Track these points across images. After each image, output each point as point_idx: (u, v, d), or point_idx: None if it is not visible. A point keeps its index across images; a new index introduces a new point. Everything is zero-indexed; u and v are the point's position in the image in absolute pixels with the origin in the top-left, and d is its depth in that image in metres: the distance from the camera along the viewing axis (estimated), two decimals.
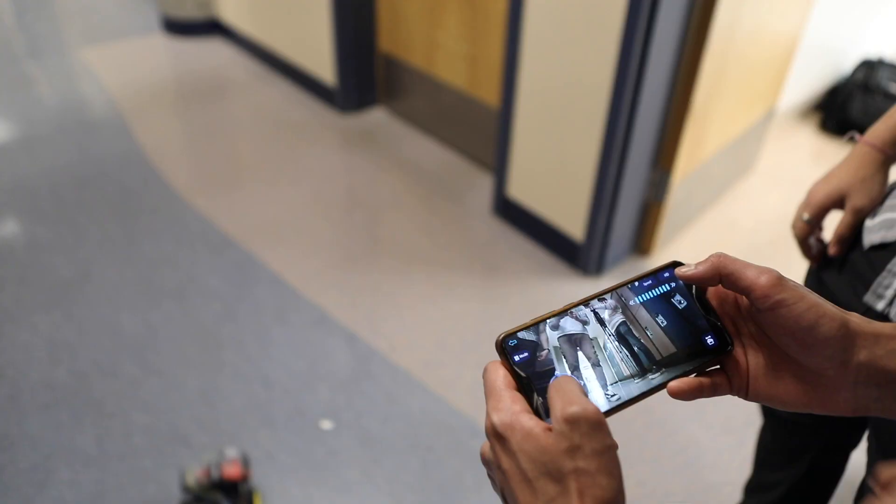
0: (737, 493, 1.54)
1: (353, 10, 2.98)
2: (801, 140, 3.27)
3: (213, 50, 3.85)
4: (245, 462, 1.55)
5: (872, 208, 0.90)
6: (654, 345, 0.48)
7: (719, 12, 1.86)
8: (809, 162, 3.14)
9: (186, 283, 2.18)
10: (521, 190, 2.39)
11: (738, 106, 2.40)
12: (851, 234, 0.91)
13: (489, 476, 0.47)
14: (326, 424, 1.76)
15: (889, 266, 0.76)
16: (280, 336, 2.01)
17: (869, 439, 0.92)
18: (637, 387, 0.47)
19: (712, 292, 0.50)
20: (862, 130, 0.94)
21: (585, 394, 0.45)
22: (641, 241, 2.35)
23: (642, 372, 0.47)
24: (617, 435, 1.50)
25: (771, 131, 3.08)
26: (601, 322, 0.48)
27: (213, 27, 3.97)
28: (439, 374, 1.91)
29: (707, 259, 0.47)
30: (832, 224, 0.94)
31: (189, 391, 1.83)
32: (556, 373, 0.46)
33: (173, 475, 1.61)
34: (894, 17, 3.55)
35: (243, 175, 2.78)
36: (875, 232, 0.85)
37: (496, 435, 0.43)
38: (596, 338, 0.48)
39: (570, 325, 0.48)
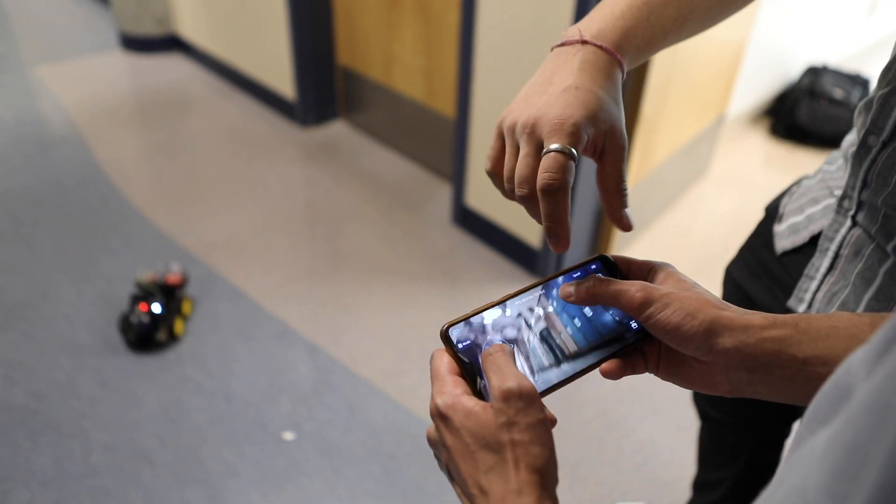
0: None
1: (311, 25, 3.01)
2: (752, 144, 3.37)
3: (171, 66, 3.84)
4: (185, 277, 2.11)
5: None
6: (580, 333, 0.52)
7: None
8: (761, 166, 3.23)
9: None
10: (479, 199, 2.43)
11: (688, 112, 2.48)
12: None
13: (435, 456, 0.51)
14: (288, 436, 1.77)
15: (805, 271, 0.80)
16: (242, 350, 2.01)
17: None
18: (569, 369, 0.51)
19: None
20: (810, 135, 0.86)
21: (526, 356, 0.50)
22: (598, 247, 2.40)
23: (571, 358, 0.51)
24: (576, 436, 1.56)
25: (722, 136, 3.17)
26: (528, 323, 0.52)
27: (171, 43, 3.96)
28: (401, 383, 1.93)
29: (583, 283, 0.51)
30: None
31: (150, 408, 1.82)
32: (488, 340, 0.50)
33: (134, 493, 1.60)
34: (836, 25, 3.68)
35: (203, 190, 2.78)
36: (785, 238, 0.87)
37: (440, 415, 0.47)
38: (525, 332, 0.52)
39: (505, 322, 0.52)
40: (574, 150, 0.53)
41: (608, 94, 0.57)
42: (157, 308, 1.97)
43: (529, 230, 2.27)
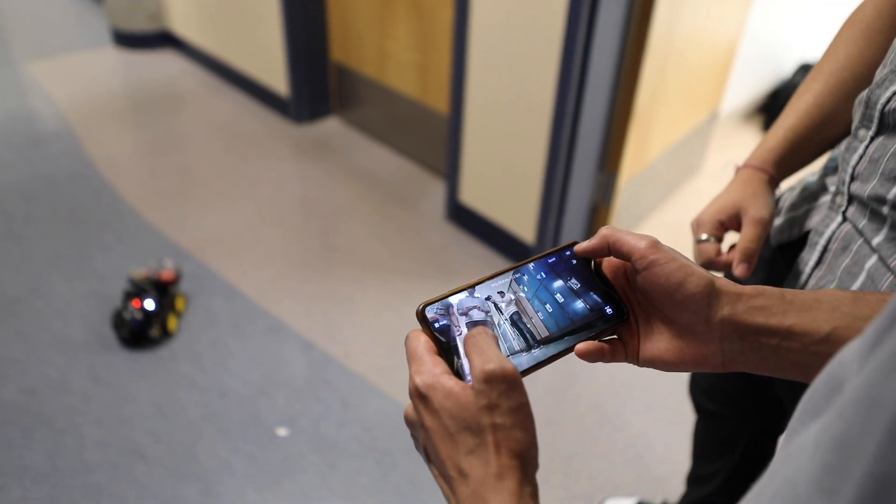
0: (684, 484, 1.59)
1: (305, 21, 3.00)
2: (745, 141, 3.38)
3: (164, 62, 3.83)
4: (178, 273, 2.10)
5: (771, 222, 0.86)
6: (551, 318, 0.53)
7: (657, 20, 1.93)
8: None
9: None
10: (472, 195, 2.43)
11: (682, 108, 2.48)
12: (758, 248, 0.84)
13: (413, 436, 0.50)
14: (282, 431, 1.77)
15: (794, 265, 0.80)
16: (236, 346, 2.01)
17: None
18: (539, 354, 0.51)
19: (607, 267, 0.55)
20: None
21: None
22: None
23: (543, 343, 0.52)
24: (569, 431, 1.56)
25: (716, 133, 3.18)
26: (498, 307, 0.52)
27: (164, 39, 3.95)
28: (395, 379, 1.93)
29: (597, 233, 0.52)
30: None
31: (143, 404, 1.82)
32: (464, 321, 0.50)
33: (127, 489, 1.60)
34: (830, 21, 3.69)
35: (196, 186, 2.78)
36: (781, 231, 0.89)
37: (419, 395, 0.46)
38: (496, 315, 0.52)
39: (478, 303, 0.52)
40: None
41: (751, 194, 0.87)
42: (150, 304, 1.97)
43: (523, 226, 2.27)
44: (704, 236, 0.89)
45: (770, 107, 3.48)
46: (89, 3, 4.65)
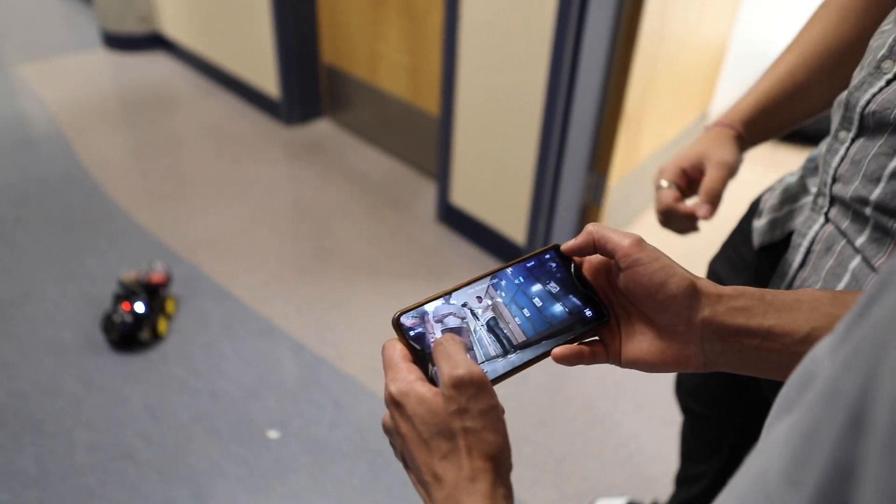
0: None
1: (295, 23, 3.00)
2: None
3: (155, 64, 3.82)
4: (169, 276, 2.10)
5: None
6: (528, 323, 0.53)
7: (646, 20, 1.94)
8: (745, 163, 3.24)
9: None
10: (463, 196, 2.43)
11: (672, 109, 2.49)
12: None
13: (391, 444, 0.50)
14: (273, 434, 1.76)
15: (779, 267, 0.81)
16: (227, 348, 2.01)
17: None
18: (516, 359, 0.51)
19: (588, 268, 0.56)
20: (793, 132, 0.97)
21: (471, 348, 0.50)
22: None
23: (520, 348, 0.52)
24: (561, 431, 1.57)
25: None
26: (475, 313, 0.52)
27: (155, 41, 3.94)
28: None
29: (584, 230, 0.53)
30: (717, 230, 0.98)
31: (134, 406, 1.81)
32: (439, 328, 0.50)
33: (118, 492, 1.60)
34: None
35: (187, 189, 2.77)
36: (763, 233, 0.89)
37: (394, 403, 0.47)
38: (473, 322, 0.52)
39: (454, 310, 0.52)
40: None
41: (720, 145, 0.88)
42: (140, 307, 1.96)
43: (514, 227, 2.28)
44: (665, 184, 0.90)
45: None
46: (79, 4, 4.64)
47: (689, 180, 0.92)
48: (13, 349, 1.95)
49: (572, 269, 0.55)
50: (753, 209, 0.96)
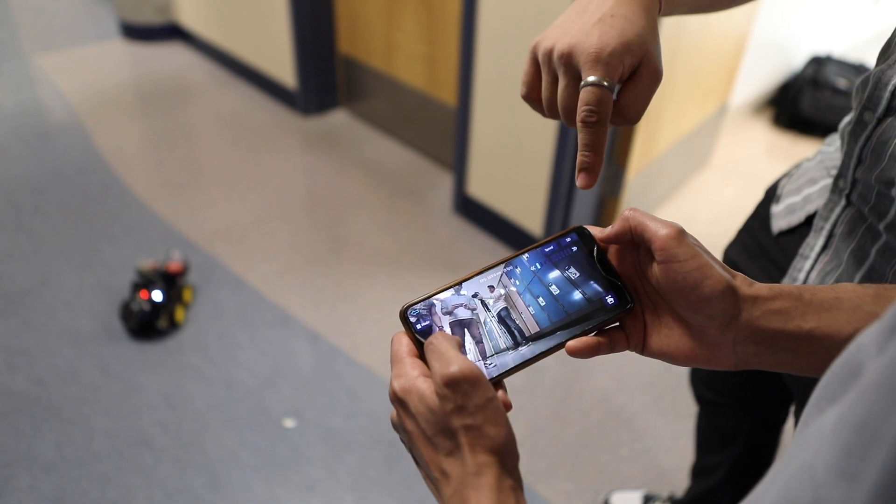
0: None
1: (312, 13, 3.00)
2: (755, 134, 3.36)
3: (172, 55, 3.83)
4: (186, 265, 2.10)
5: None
6: (543, 313, 0.50)
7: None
8: (764, 156, 3.22)
9: None
10: (480, 187, 2.42)
11: (690, 102, 2.47)
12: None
13: (401, 440, 0.49)
14: (289, 423, 1.77)
15: (800, 250, 0.80)
16: (243, 337, 2.01)
17: (796, 414, 0.96)
18: (527, 352, 0.49)
19: (613, 253, 0.52)
20: (813, 125, 0.90)
21: (480, 340, 0.48)
22: None
23: (533, 340, 0.49)
24: (576, 424, 1.56)
25: (725, 126, 3.16)
26: (486, 304, 0.50)
27: (172, 32, 3.95)
28: None
29: (620, 216, 0.49)
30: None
31: (151, 394, 1.82)
32: (446, 321, 0.49)
33: (135, 479, 1.61)
34: (841, 13, 3.66)
35: (204, 179, 2.78)
36: (782, 218, 0.87)
37: (398, 400, 0.46)
38: (483, 313, 0.50)
39: (463, 302, 0.50)
40: (612, 82, 0.53)
41: (644, 22, 0.56)
42: (157, 296, 1.97)
43: (531, 218, 2.27)
44: (595, 79, 0.54)
45: (780, 100, 3.45)
46: None
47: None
48: (32, 337, 1.97)
49: (595, 253, 0.52)
50: (770, 195, 0.94)
